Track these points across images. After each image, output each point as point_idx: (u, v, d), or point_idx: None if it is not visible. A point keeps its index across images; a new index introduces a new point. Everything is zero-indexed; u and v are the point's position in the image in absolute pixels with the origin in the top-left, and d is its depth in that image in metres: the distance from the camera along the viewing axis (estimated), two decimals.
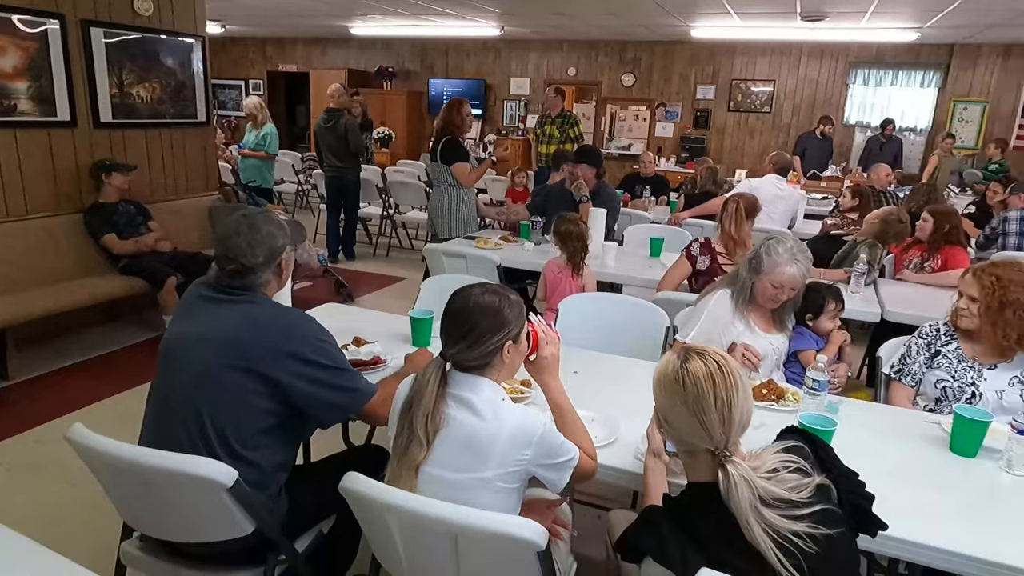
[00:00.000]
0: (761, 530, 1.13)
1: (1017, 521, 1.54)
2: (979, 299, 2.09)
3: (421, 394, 1.44)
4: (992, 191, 5.44)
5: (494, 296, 1.49)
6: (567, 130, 6.62)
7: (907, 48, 8.70)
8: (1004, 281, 2.05)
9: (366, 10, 8.14)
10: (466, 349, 1.45)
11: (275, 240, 1.70)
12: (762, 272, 2.28)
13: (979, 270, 2.14)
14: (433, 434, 1.41)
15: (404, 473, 1.41)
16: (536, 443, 1.41)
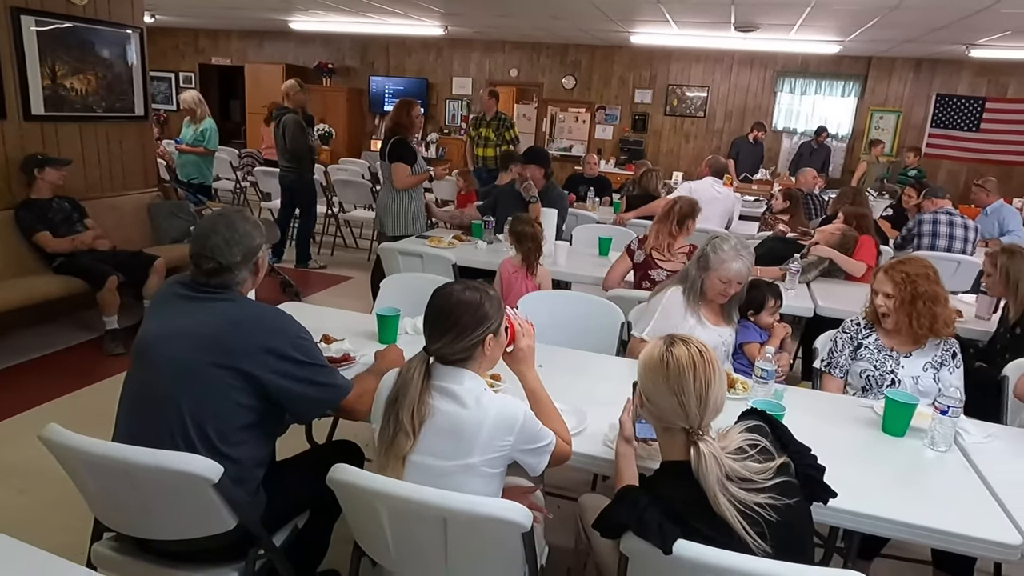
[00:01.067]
0: (727, 501, 1.26)
1: (938, 490, 1.74)
2: (893, 294, 2.31)
3: (407, 387, 1.50)
4: (907, 195, 5.87)
5: (475, 292, 1.57)
6: (503, 132, 6.65)
7: (830, 59, 9.23)
8: (912, 276, 2.29)
9: (307, 4, 8.01)
10: (450, 343, 1.53)
11: (252, 239, 1.72)
12: (710, 269, 2.44)
13: (889, 268, 2.37)
14: (419, 425, 1.48)
15: (391, 463, 1.47)
16: (518, 430, 1.50)
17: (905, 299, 2.31)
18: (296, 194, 6.25)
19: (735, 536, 1.25)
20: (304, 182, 6.24)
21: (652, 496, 1.32)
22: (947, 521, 1.57)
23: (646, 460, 1.69)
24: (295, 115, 6.07)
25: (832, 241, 3.82)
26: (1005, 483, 1.74)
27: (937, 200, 5.00)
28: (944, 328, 2.32)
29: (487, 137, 6.68)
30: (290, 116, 6.06)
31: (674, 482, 1.34)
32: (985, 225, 5.33)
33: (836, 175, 9.53)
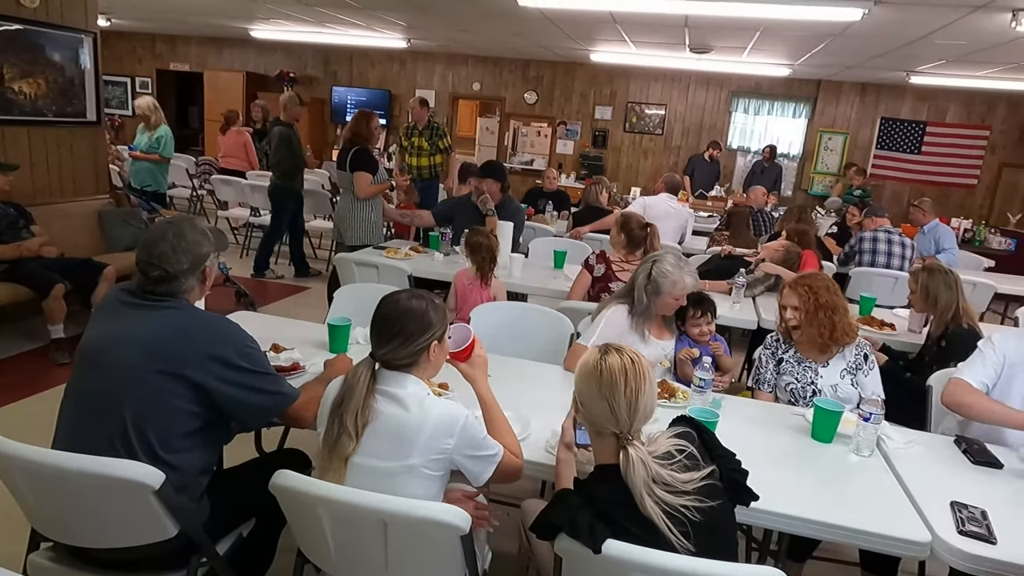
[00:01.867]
0: (653, 503, 1.33)
1: (859, 493, 1.84)
2: (799, 306, 2.45)
3: (352, 391, 1.55)
4: (850, 214, 6.12)
5: (421, 300, 1.64)
6: (436, 141, 6.61)
7: (781, 82, 9.57)
8: (814, 288, 2.44)
9: (268, 14, 7.98)
10: (396, 349, 1.58)
11: (200, 247, 1.74)
12: (663, 292, 2.53)
13: (794, 283, 2.52)
14: (362, 427, 1.53)
15: (334, 465, 1.51)
16: (458, 433, 1.55)
17: (809, 310, 2.45)
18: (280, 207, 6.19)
19: (661, 535, 1.32)
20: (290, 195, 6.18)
21: (585, 498, 1.37)
22: (865, 521, 1.67)
23: (586, 465, 1.75)
24: (286, 128, 6.03)
25: (776, 257, 3.97)
26: (920, 485, 1.85)
27: (877, 219, 5.23)
28: (843, 336, 2.45)
29: (419, 146, 6.60)
30: (279, 129, 6.02)
31: (605, 484, 1.40)
32: (922, 243, 5.59)
33: (788, 193, 9.86)
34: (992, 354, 2.29)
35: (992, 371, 2.27)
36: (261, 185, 6.95)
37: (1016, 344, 2.30)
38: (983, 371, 2.28)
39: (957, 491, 1.82)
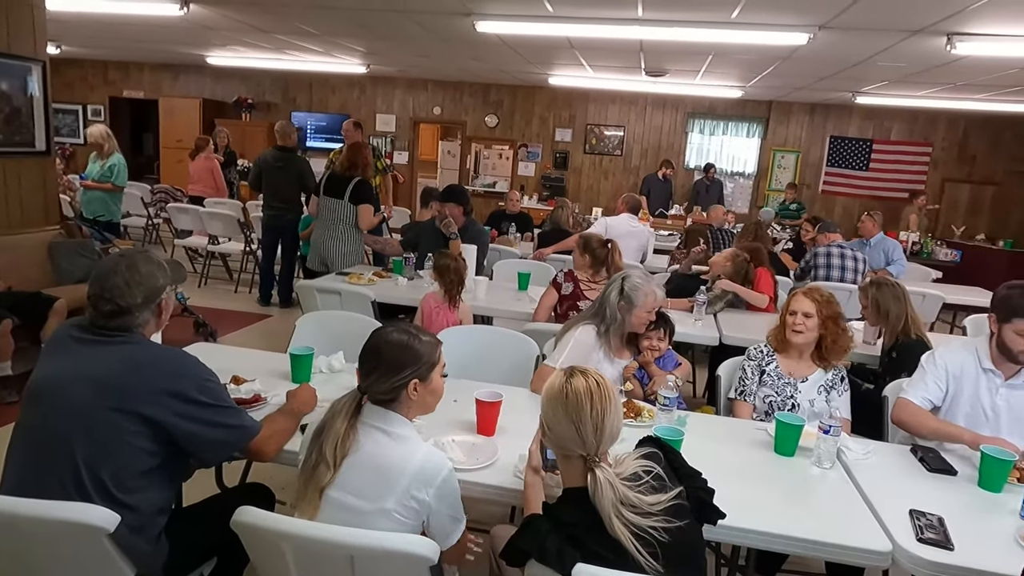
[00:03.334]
0: (621, 524, 1.33)
1: (821, 505, 1.88)
2: (813, 314, 2.51)
3: (334, 420, 1.53)
4: (805, 229, 6.30)
5: (405, 335, 1.63)
6: (374, 162, 6.63)
7: (734, 103, 9.86)
8: (827, 298, 2.52)
9: (224, 41, 7.93)
10: (375, 382, 1.58)
11: (155, 280, 1.70)
12: (636, 307, 2.56)
13: (806, 291, 2.60)
14: (341, 458, 1.50)
15: (309, 495, 1.49)
16: (439, 484, 1.52)
17: (823, 318, 2.53)
18: (288, 234, 6.10)
19: (630, 557, 1.32)
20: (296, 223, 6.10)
21: (553, 522, 1.37)
22: (828, 533, 1.70)
23: (554, 488, 1.74)
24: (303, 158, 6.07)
25: (726, 270, 4.06)
26: (880, 495, 1.89)
27: (830, 235, 5.39)
28: (842, 352, 2.54)
29: None
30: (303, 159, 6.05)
31: (574, 507, 1.40)
32: (873, 256, 5.77)
33: (745, 210, 10.11)
34: (934, 369, 2.37)
35: (936, 386, 2.36)
36: (221, 213, 6.85)
37: (956, 357, 2.37)
38: (925, 388, 2.36)
39: (915, 499, 1.87)
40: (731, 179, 10.38)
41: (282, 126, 6.19)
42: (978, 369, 2.33)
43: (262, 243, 6.36)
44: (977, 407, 2.32)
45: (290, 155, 6.08)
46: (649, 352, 2.76)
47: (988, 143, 9.42)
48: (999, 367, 2.30)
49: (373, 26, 6.32)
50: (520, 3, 4.83)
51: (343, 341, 2.77)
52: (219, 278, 7.18)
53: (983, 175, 9.53)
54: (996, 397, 2.30)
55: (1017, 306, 2.19)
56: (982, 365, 2.33)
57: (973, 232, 9.30)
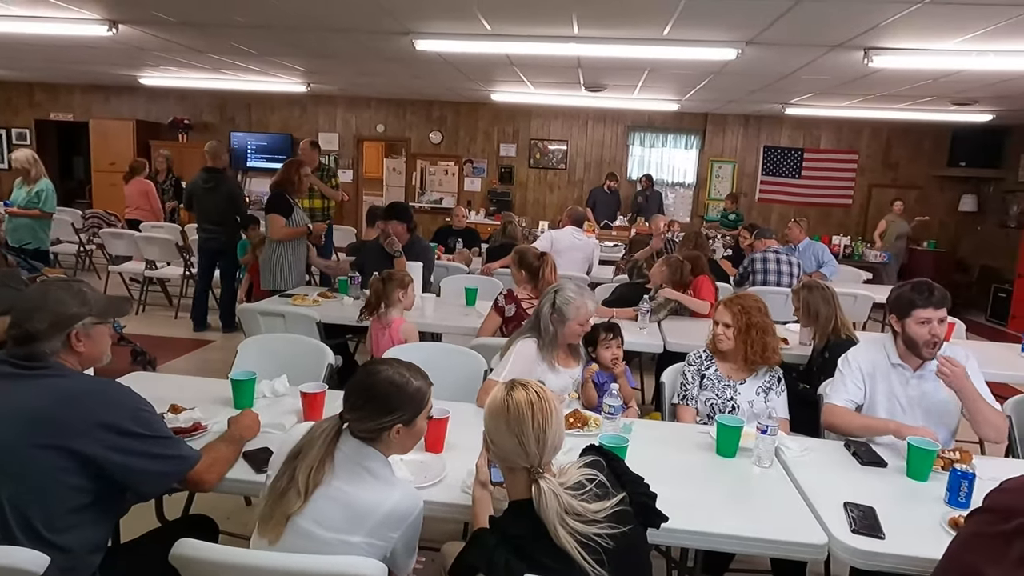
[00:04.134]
0: (567, 533, 1.35)
1: (762, 503, 1.94)
2: (732, 324, 2.59)
3: (311, 445, 1.49)
4: (743, 237, 6.52)
5: (397, 376, 1.58)
6: (327, 182, 6.54)
7: (672, 115, 10.14)
8: (746, 308, 2.59)
9: (157, 61, 7.73)
10: (358, 420, 1.54)
11: (64, 308, 1.64)
12: (568, 319, 2.60)
13: (728, 302, 2.67)
14: (313, 487, 1.46)
15: (275, 518, 1.44)
16: (408, 525, 1.51)
17: (741, 328, 2.60)
18: (225, 257, 6.00)
19: (576, 566, 1.34)
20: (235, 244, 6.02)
21: (500, 535, 1.38)
22: (769, 530, 1.76)
23: (503, 502, 1.75)
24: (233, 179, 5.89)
25: (664, 276, 4.17)
26: (816, 490, 1.97)
27: (765, 240, 5.59)
28: (773, 355, 2.63)
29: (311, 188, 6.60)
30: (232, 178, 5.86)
31: (519, 519, 1.41)
32: (804, 260, 6.01)
33: (687, 219, 10.38)
34: (850, 371, 2.52)
35: (854, 386, 2.50)
36: (158, 237, 6.65)
37: (867, 356, 2.53)
38: (845, 390, 2.50)
39: (849, 492, 1.95)
40: (672, 189, 10.66)
41: (211, 146, 6.08)
42: (888, 364, 2.49)
43: (198, 266, 6.22)
44: (893, 400, 2.47)
45: (219, 176, 5.96)
46: (615, 363, 2.83)
47: (910, 150, 9.95)
48: (906, 361, 2.46)
49: (312, 46, 6.27)
50: (458, 21, 4.89)
51: (287, 364, 2.73)
52: (158, 304, 6.96)
53: (906, 180, 10.04)
54: (909, 389, 2.46)
55: (912, 299, 2.36)
56: (891, 361, 2.49)
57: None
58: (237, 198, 5.90)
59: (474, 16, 4.66)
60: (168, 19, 5.38)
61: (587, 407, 2.59)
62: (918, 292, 2.36)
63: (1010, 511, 1.26)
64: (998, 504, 1.32)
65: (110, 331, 1.78)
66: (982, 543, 1.30)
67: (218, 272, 6.13)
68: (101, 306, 1.72)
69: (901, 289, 2.43)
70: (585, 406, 2.59)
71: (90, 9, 5.17)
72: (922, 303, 2.34)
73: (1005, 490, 1.34)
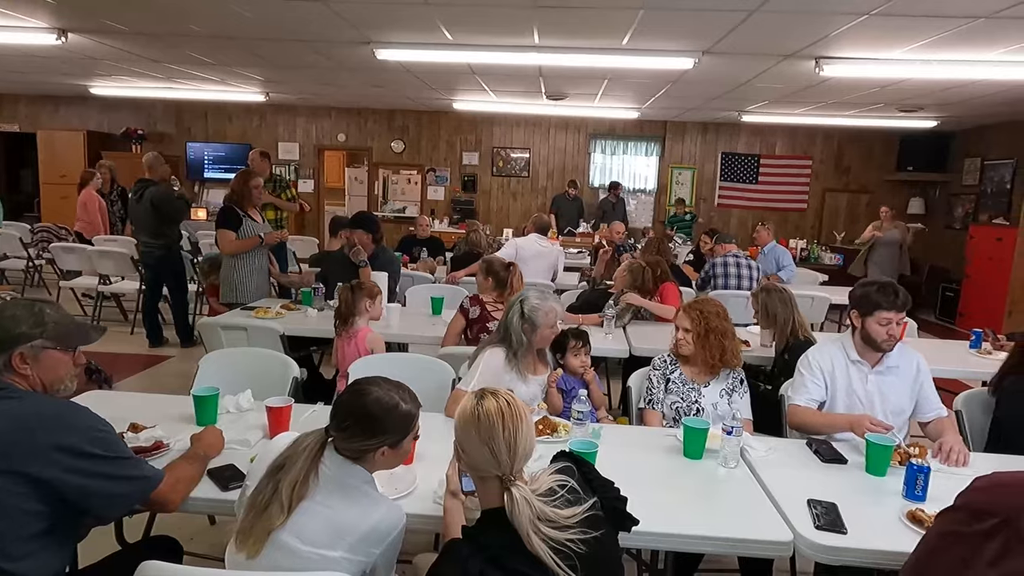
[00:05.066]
0: (540, 540, 1.36)
1: (729, 503, 1.98)
2: (691, 329, 2.64)
3: (295, 459, 1.47)
4: (703, 241, 6.64)
5: (388, 397, 1.55)
6: (280, 193, 6.46)
7: (633, 123, 10.30)
8: (705, 313, 2.64)
9: (109, 71, 7.54)
10: (344, 439, 1.52)
11: (12, 326, 1.59)
12: (539, 326, 2.62)
13: (687, 307, 2.72)
14: (296, 501, 1.44)
15: (256, 533, 1.41)
16: (389, 543, 1.49)
17: (700, 333, 2.65)
18: (164, 271, 5.89)
19: (549, 572, 1.35)
20: (173, 257, 5.92)
21: (473, 545, 1.38)
22: (736, 529, 1.79)
23: (474, 512, 1.75)
24: (163, 186, 5.73)
25: (626, 282, 4.22)
26: (781, 489, 2.02)
27: (726, 245, 5.71)
28: (732, 359, 2.68)
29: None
30: (156, 189, 5.68)
31: (492, 528, 1.41)
32: (765, 263, 6.16)
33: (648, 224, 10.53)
34: (810, 371, 2.61)
35: (814, 386, 2.58)
36: (111, 251, 6.46)
37: (825, 354, 2.62)
38: (806, 390, 2.58)
39: (812, 489, 2.00)
40: (633, 196, 10.81)
41: (147, 158, 5.92)
42: (847, 362, 2.58)
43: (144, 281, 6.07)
44: (853, 396, 2.56)
45: (147, 185, 5.78)
46: (583, 370, 2.85)
47: (861, 155, 10.28)
48: (864, 357, 2.56)
49: (270, 56, 6.20)
50: (419, 31, 4.89)
51: (251, 379, 2.68)
52: (113, 320, 6.75)
53: (858, 185, 10.38)
54: (867, 385, 2.55)
55: (877, 300, 2.45)
56: (850, 358, 2.58)
57: (852, 237, 10.09)
58: (161, 206, 5.68)
59: (435, 26, 4.67)
60: (121, 28, 5.26)
61: (552, 413, 2.60)
62: (884, 295, 2.44)
63: (983, 511, 1.26)
64: (972, 503, 1.32)
65: (71, 359, 1.71)
66: (955, 543, 1.30)
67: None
68: (60, 331, 1.66)
69: (867, 288, 2.51)
70: (550, 412, 2.61)
71: (38, 17, 5.02)
72: (887, 306, 2.43)
73: (978, 489, 1.33)
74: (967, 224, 8.89)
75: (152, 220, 5.74)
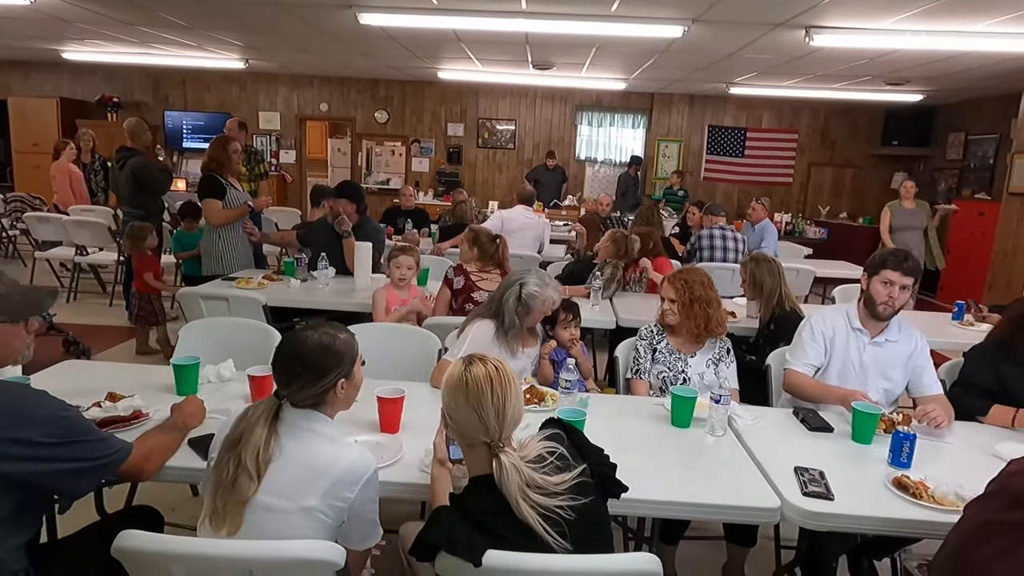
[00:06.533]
0: (528, 507, 1.34)
1: (716, 470, 1.97)
2: (676, 299, 2.63)
3: (252, 429, 1.45)
4: (691, 213, 6.62)
5: (323, 337, 1.55)
6: (254, 166, 6.35)
7: (619, 95, 10.19)
8: (689, 283, 2.63)
9: (81, 34, 7.29)
10: (300, 390, 1.51)
11: None
12: (534, 311, 2.59)
13: (672, 277, 2.70)
14: (264, 466, 1.42)
15: (230, 510, 1.40)
16: (362, 485, 1.48)
17: (685, 303, 2.63)
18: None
19: (538, 538, 1.33)
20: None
21: (460, 512, 1.36)
22: (723, 496, 1.79)
23: (461, 480, 1.73)
24: (143, 157, 5.56)
25: (609, 251, 4.20)
26: (768, 456, 2.02)
27: (714, 217, 5.69)
28: (717, 328, 2.66)
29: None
30: (137, 159, 5.51)
31: (480, 495, 1.39)
32: (751, 239, 6.16)
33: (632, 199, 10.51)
34: (811, 336, 2.61)
35: (813, 352, 2.59)
36: (88, 221, 6.31)
37: (828, 320, 2.62)
38: (806, 356, 2.59)
39: (798, 457, 2.00)
40: (620, 168, 10.74)
41: (129, 123, 5.72)
42: (848, 329, 2.59)
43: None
44: (847, 363, 2.57)
45: (130, 155, 5.62)
46: (572, 343, 2.83)
47: (847, 129, 10.28)
48: (865, 326, 2.57)
49: (249, 19, 6.02)
50: None
51: (233, 348, 2.63)
52: (91, 292, 6.62)
53: (843, 159, 10.39)
54: (864, 354, 2.56)
55: (885, 259, 2.47)
56: (852, 325, 2.59)
57: (837, 211, 10.15)
58: (142, 178, 5.51)
59: None
60: None
61: (543, 383, 2.59)
62: (892, 255, 2.48)
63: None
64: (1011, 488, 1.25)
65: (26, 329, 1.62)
66: (996, 534, 1.23)
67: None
68: (8, 304, 1.56)
69: (881, 251, 2.56)
70: (541, 383, 2.59)
71: None
72: (892, 265, 2.44)
73: (1015, 473, 1.27)
74: (950, 199, 8.94)
75: (132, 191, 5.60)
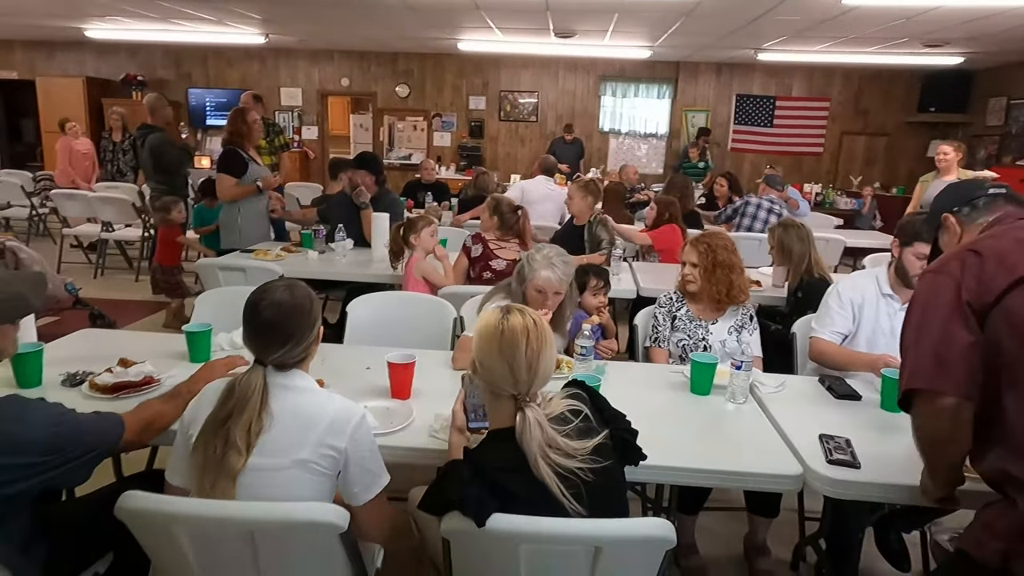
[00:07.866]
0: (547, 465, 1.30)
1: (737, 438, 1.91)
2: (698, 263, 2.54)
3: (244, 404, 1.42)
4: (719, 184, 6.46)
5: (295, 297, 1.53)
6: (273, 139, 6.30)
7: (644, 64, 9.95)
8: (713, 246, 2.54)
9: (102, 11, 7.31)
10: (290, 350, 1.49)
11: None
12: (526, 280, 2.49)
13: (694, 241, 2.61)
14: (255, 437, 1.40)
15: (221, 485, 1.37)
16: (351, 432, 1.45)
17: (707, 267, 2.55)
18: None
19: (551, 498, 1.29)
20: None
21: (473, 467, 1.32)
22: (744, 463, 1.73)
23: None
24: (163, 133, 5.64)
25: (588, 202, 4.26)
26: (791, 424, 1.94)
27: (769, 188, 5.59)
28: (739, 294, 2.58)
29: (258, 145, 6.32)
30: (156, 135, 5.57)
31: (499, 448, 1.36)
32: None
33: (660, 170, 10.31)
34: (839, 304, 2.51)
35: (840, 320, 2.49)
36: (113, 197, 6.38)
37: (857, 285, 2.52)
38: (832, 323, 2.49)
39: (824, 425, 1.92)
40: (645, 140, 10.53)
41: (149, 100, 5.78)
42: (878, 295, 2.49)
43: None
44: (877, 330, 2.47)
45: (147, 131, 5.70)
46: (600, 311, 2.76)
47: (880, 96, 9.92)
48: (897, 292, 2.46)
49: None
50: None
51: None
52: (117, 268, 6.72)
53: (876, 127, 10.05)
54: (894, 321, 2.44)
55: (919, 230, 2.34)
56: (882, 291, 2.48)
57: (869, 181, 9.82)
58: (162, 155, 5.55)
59: None
60: None
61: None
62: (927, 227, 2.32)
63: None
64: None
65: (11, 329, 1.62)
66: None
67: None
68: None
69: (913, 217, 2.44)
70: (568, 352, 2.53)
71: None
72: (927, 237, 2.30)
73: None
74: (990, 167, 8.59)
75: (153, 167, 5.66)
